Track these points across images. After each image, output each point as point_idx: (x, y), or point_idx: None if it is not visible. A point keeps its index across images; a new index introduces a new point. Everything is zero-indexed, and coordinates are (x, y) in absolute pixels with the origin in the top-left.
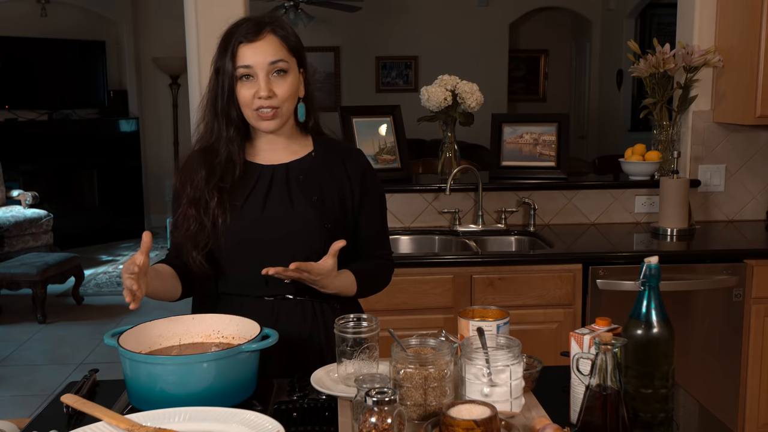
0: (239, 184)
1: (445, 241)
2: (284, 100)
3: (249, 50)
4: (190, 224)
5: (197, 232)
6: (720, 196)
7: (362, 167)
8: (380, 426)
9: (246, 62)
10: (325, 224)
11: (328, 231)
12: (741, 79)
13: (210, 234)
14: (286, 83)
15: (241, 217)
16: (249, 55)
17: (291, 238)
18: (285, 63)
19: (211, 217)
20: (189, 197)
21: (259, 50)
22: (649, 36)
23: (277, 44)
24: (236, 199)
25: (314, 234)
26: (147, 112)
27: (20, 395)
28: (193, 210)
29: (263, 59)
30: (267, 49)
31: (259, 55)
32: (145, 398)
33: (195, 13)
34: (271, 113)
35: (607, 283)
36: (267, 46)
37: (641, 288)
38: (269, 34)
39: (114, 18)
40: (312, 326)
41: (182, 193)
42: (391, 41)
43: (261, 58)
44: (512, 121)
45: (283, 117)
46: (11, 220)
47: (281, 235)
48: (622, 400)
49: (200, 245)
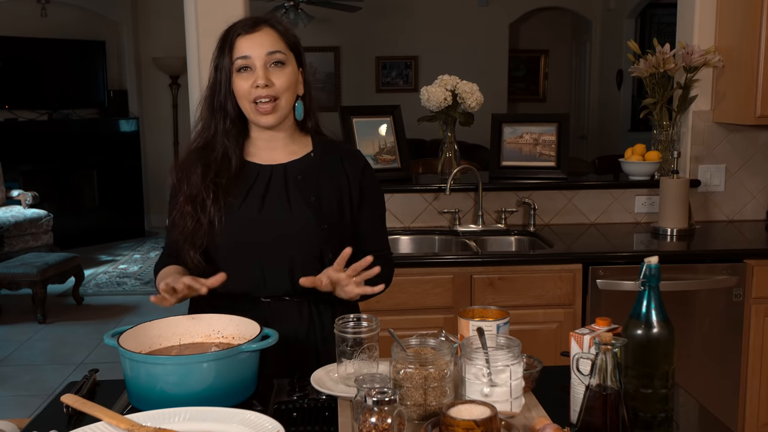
0: (236, 181)
1: (445, 241)
2: (282, 91)
3: (247, 41)
4: (187, 221)
5: (194, 230)
6: (720, 196)
7: (361, 168)
8: (380, 426)
9: (243, 53)
10: (322, 225)
11: (324, 232)
12: (741, 79)
13: (207, 232)
14: (284, 74)
15: (238, 218)
16: (247, 46)
17: (288, 239)
18: (283, 55)
19: (208, 214)
20: (186, 194)
21: (257, 41)
22: (649, 36)
23: (274, 36)
24: (233, 197)
25: (311, 235)
26: (147, 112)
27: (20, 395)
28: (189, 207)
29: (261, 50)
30: (265, 40)
31: (257, 45)
32: (145, 398)
33: (195, 13)
34: (270, 106)
35: (607, 283)
36: (264, 37)
37: (641, 288)
38: (267, 26)
39: (114, 18)
40: (308, 326)
41: (179, 191)
42: (391, 41)
43: (259, 48)
44: (512, 121)
45: (282, 111)
46: (11, 220)
47: (278, 236)
48: (622, 400)
49: (197, 243)
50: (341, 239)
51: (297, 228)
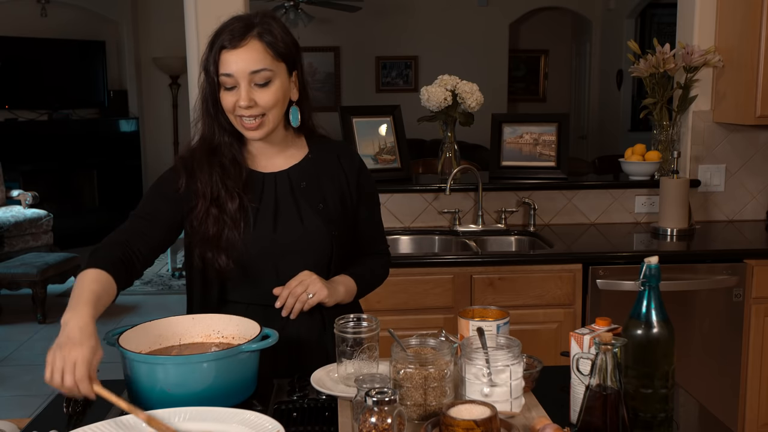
0: (248, 190)
1: (445, 241)
2: (268, 109)
3: (231, 57)
4: (210, 225)
5: (215, 235)
6: (720, 196)
7: (357, 163)
8: (380, 426)
9: (227, 70)
10: (332, 232)
11: (335, 238)
12: (741, 79)
13: (233, 236)
14: (268, 93)
15: (254, 232)
16: (230, 62)
17: (301, 250)
18: (269, 72)
19: (231, 218)
20: (206, 196)
21: (241, 58)
22: (649, 36)
23: (260, 51)
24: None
25: (323, 243)
26: (147, 112)
27: (20, 395)
28: (216, 210)
29: (244, 68)
30: (248, 57)
31: (241, 63)
32: (145, 398)
33: (195, 13)
34: (255, 123)
35: (607, 283)
36: (248, 54)
37: (641, 288)
38: (253, 39)
39: (114, 18)
40: (320, 330)
41: (190, 189)
42: (391, 41)
43: (242, 66)
44: (512, 121)
45: (269, 125)
46: (11, 220)
47: (292, 248)
48: (622, 400)
49: (224, 247)
50: (346, 240)
51: (310, 238)
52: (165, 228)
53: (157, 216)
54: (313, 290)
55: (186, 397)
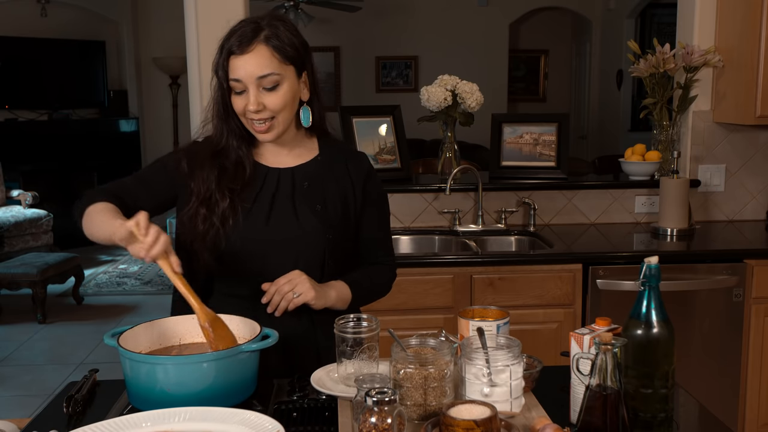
0: (247, 187)
1: (445, 241)
2: (277, 111)
3: (239, 62)
4: (199, 224)
5: (204, 232)
6: (720, 196)
7: (365, 171)
8: (380, 426)
9: (235, 75)
10: (327, 234)
11: (329, 241)
12: (741, 79)
13: (219, 235)
14: (277, 96)
15: (246, 225)
16: (238, 67)
17: (293, 247)
18: (276, 76)
19: (220, 218)
20: (199, 196)
21: (248, 63)
22: (649, 36)
23: (267, 56)
24: (245, 201)
25: (315, 243)
26: (147, 112)
27: (20, 395)
28: (204, 210)
29: (252, 73)
30: (256, 62)
31: (249, 68)
32: (145, 398)
33: (195, 14)
34: (266, 126)
35: (607, 283)
36: (256, 59)
37: (641, 288)
38: (260, 44)
39: (114, 18)
40: (308, 327)
41: (187, 179)
42: (391, 41)
43: (250, 71)
44: (512, 121)
45: (280, 127)
46: (11, 220)
47: (284, 244)
48: (622, 400)
49: (208, 246)
50: (344, 245)
51: (302, 237)
52: (155, 199)
53: (152, 185)
54: (300, 290)
55: (186, 397)
